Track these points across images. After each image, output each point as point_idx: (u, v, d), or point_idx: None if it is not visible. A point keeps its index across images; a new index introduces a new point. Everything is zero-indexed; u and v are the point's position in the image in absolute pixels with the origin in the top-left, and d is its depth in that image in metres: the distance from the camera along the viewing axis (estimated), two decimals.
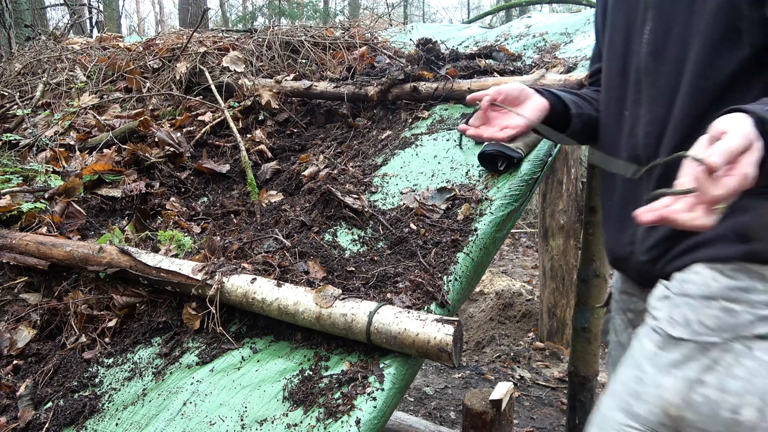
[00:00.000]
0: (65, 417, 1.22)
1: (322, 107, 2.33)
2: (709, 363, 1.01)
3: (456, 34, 2.73)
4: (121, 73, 2.71)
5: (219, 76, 2.45)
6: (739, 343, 1.00)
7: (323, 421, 1.03)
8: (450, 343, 1.03)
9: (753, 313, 1.00)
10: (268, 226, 1.60)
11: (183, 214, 1.83)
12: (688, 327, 1.04)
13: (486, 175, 1.59)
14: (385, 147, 1.91)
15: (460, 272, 1.30)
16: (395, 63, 2.35)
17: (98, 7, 7.34)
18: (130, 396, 1.24)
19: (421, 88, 2.08)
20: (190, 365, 1.26)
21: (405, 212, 1.50)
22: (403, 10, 14.22)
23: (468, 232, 1.39)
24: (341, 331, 1.14)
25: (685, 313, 1.05)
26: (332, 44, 2.65)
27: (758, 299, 1.00)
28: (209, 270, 1.34)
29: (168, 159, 2.05)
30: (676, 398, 1.01)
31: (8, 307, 1.54)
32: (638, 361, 1.09)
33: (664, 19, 1.08)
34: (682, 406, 1.00)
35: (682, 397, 1.01)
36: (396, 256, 1.37)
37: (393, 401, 1.07)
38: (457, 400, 3.30)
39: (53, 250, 1.55)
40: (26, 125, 2.36)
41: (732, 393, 0.98)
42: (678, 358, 1.04)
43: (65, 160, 2.06)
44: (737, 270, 1.02)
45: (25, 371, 1.38)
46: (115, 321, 1.43)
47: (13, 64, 3.14)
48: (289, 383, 1.13)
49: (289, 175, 1.92)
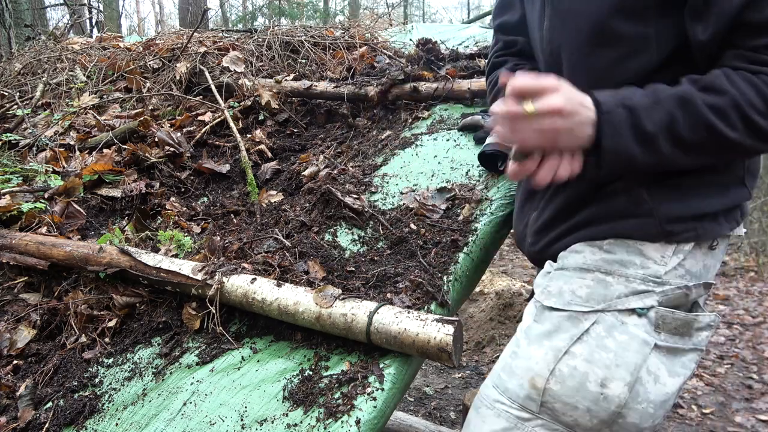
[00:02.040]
0: (65, 417, 1.22)
1: (322, 107, 2.33)
2: (578, 333, 0.98)
3: (456, 34, 2.73)
4: (121, 73, 2.71)
5: (219, 76, 2.45)
6: (611, 315, 0.98)
7: (323, 421, 1.03)
8: (450, 343, 1.03)
9: (628, 286, 0.99)
10: (268, 226, 1.60)
11: (183, 214, 1.83)
12: (561, 297, 1.03)
13: (486, 175, 1.59)
14: (385, 147, 1.91)
15: (460, 272, 1.30)
16: (395, 63, 2.35)
17: (98, 7, 7.34)
18: (130, 396, 1.24)
19: (421, 88, 2.08)
20: (190, 365, 1.26)
21: (405, 212, 1.50)
22: (403, 10, 14.22)
23: (468, 232, 1.39)
24: (341, 331, 1.14)
25: (559, 284, 1.05)
26: (332, 44, 2.65)
27: (635, 273, 0.99)
28: (209, 270, 1.34)
29: (168, 159, 2.05)
30: (543, 369, 0.98)
31: (8, 307, 1.54)
32: (516, 336, 1.07)
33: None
34: (548, 377, 0.97)
35: (548, 368, 0.98)
36: (396, 256, 1.37)
37: (393, 401, 1.07)
38: (457, 400, 3.30)
39: (53, 250, 1.55)
40: (26, 125, 2.36)
41: (600, 365, 0.95)
42: (549, 329, 1.02)
43: (65, 160, 2.06)
44: (615, 245, 1.02)
45: (25, 371, 1.38)
46: (115, 321, 1.43)
47: (13, 64, 3.14)
48: (289, 383, 1.13)
49: (289, 175, 1.92)
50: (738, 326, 4.42)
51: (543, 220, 1.14)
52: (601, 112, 0.88)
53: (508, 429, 1.00)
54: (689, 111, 0.86)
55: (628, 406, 0.95)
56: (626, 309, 0.98)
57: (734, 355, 3.84)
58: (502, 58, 1.34)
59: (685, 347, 0.99)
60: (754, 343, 4.05)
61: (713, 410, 3.07)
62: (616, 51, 0.98)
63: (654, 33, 0.95)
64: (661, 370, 0.97)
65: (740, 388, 3.35)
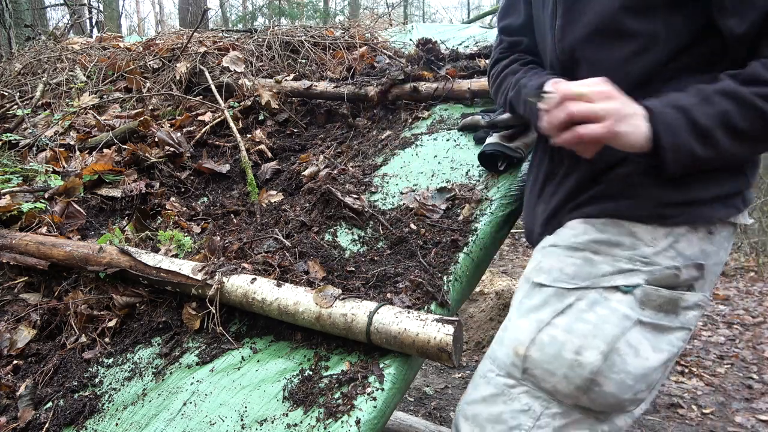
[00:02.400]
0: (65, 417, 1.22)
1: (322, 107, 2.33)
2: (562, 307, 1.04)
3: (456, 34, 2.72)
4: (121, 73, 2.71)
5: (219, 76, 2.45)
6: (595, 292, 1.03)
7: (323, 421, 1.03)
8: (450, 343, 1.03)
9: (614, 265, 1.03)
10: (268, 226, 1.60)
11: (183, 214, 1.83)
12: (550, 274, 1.09)
13: (486, 175, 1.59)
14: (385, 147, 1.91)
15: (461, 272, 1.30)
16: (395, 63, 2.35)
17: (98, 7, 7.34)
18: (130, 396, 1.24)
19: (421, 88, 2.08)
20: (190, 365, 1.26)
21: (405, 212, 1.50)
22: (403, 10, 14.21)
23: (468, 232, 1.39)
24: (341, 331, 1.14)
25: (550, 262, 1.10)
26: (332, 44, 2.65)
27: (622, 254, 1.03)
28: (209, 270, 1.34)
29: (168, 159, 2.05)
30: (526, 337, 1.05)
31: (8, 307, 1.54)
32: (510, 312, 1.14)
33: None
34: (529, 345, 1.04)
35: (530, 337, 1.04)
36: (396, 256, 1.37)
37: (393, 401, 1.07)
38: (457, 400, 3.30)
39: (53, 250, 1.55)
40: (26, 125, 2.36)
41: (577, 335, 1.01)
42: (536, 303, 1.08)
43: (65, 160, 2.06)
44: (608, 224, 1.06)
45: (25, 371, 1.38)
46: (115, 321, 1.43)
47: (13, 64, 3.14)
48: (289, 383, 1.13)
49: (289, 175, 1.92)
50: (738, 326, 4.42)
51: (551, 208, 1.17)
52: (653, 113, 0.91)
53: (496, 395, 1.07)
54: (740, 103, 0.88)
55: (604, 374, 0.99)
56: (610, 286, 1.02)
57: (734, 355, 3.84)
58: (506, 54, 1.39)
59: (672, 325, 1.02)
60: (754, 343, 4.05)
61: (713, 410, 3.07)
62: (627, 47, 1.01)
63: (663, 29, 0.97)
64: (644, 345, 1.00)
65: (740, 388, 3.34)
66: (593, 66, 1.05)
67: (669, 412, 3.04)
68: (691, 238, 1.02)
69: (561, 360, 1.00)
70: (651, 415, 3.01)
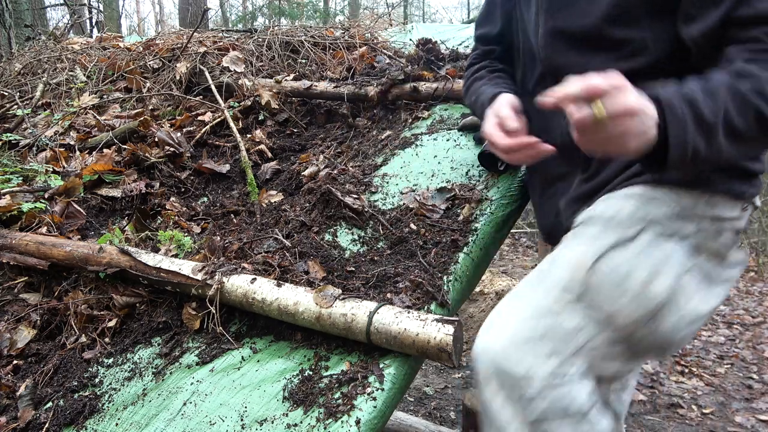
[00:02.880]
0: (65, 417, 1.22)
1: (322, 107, 2.32)
2: (624, 238, 1.00)
3: (456, 34, 2.72)
4: (121, 73, 2.71)
5: (219, 76, 2.45)
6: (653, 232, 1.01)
7: (323, 421, 1.03)
8: (450, 343, 1.03)
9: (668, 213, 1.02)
10: (268, 226, 1.60)
11: (183, 214, 1.83)
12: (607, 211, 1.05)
13: (486, 175, 1.59)
14: (385, 147, 1.91)
15: (461, 272, 1.30)
16: (395, 63, 2.35)
17: (98, 7, 7.34)
18: (130, 396, 1.24)
19: (421, 88, 2.08)
20: (190, 365, 1.26)
21: (405, 212, 1.50)
22: (403, 10, 14.21)
23: (468, 232, 1.39)
24: (341, 331, 1.14)
25: (602, 206, 1.07)
26: (332, 44, 2.65)
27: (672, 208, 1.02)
28: (209, 270, 1.34)
29: (168, 159, 2.05)
30: (588, 260, 0.99)
31: (8, 307, 1.54)
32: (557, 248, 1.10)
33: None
34: (592, 267, 0.98)
35: (594, 259, 0.99)
36: (396, 256, 1.37)
37: (393, 401, 1.07)
38: (457, 400, 3.30)
39: (53, 250, 1.55)
40: (26, 125, 2.36)
41: (645, 266, 0.97)
42: (596, 232, 1.03)
43: (65, 160, 2.06)
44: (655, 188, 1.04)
45: (25, 371, 1.38)
46: (115, 321, 1.43)
47: (13, 64, 3.14)
48: (289, 383, 1.13)
49: (289, 175, 1.92)
50: (738, 326, 4.42)
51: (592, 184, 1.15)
52: (662, 105, 0.85)
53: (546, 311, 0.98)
54: (736, 98, 0.85)
55: (668, 308, 0.96)
56: (669, 230, 1.01)
57: (734, 355, 3.84)
58: (478, 60, 1.48)
59: (720, 277, 1.04)
60: (754, 343, 4.05)
61: (713, 410, 3.07)
62: (612, 54, 1.03)
63: (650, 37, 1.00)
64: (700, 291, 1.00)
65: (740, 388, 3.34)
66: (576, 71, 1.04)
67: (669, 412, 3.04)
68: (732, 205, 1.04)
69: (626, 288, 0.96)
70: (651, 415, 3.01)
